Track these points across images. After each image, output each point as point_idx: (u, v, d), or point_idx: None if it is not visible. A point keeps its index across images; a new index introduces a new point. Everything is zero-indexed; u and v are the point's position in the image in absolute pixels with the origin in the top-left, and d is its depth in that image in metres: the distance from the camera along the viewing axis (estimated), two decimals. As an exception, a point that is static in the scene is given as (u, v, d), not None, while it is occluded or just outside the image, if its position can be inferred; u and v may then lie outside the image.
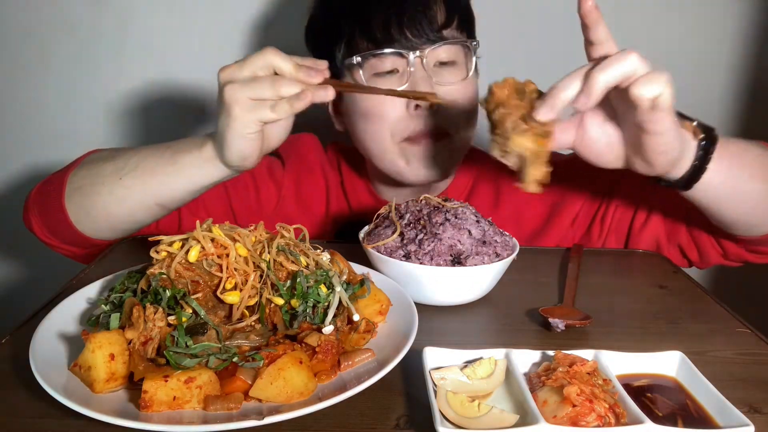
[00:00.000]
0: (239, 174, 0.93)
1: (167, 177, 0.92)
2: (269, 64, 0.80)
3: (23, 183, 1.57)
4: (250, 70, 0.80)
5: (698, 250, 1.02)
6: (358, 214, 1.18)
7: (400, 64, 1.00)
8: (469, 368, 0.63)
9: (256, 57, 0.81)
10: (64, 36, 1.45)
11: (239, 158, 0.86)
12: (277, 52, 0.81)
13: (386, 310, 0.74)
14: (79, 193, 0.97)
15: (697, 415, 0.58)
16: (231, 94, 0.80)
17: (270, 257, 0.70)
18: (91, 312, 0.74)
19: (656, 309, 0.85)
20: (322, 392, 0.60)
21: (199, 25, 1.44)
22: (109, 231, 1.00)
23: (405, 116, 1.01)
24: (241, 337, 0.65)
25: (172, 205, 0.97)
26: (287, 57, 0.81)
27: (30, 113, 1.52)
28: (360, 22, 1.00)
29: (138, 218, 0.99)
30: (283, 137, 0.90)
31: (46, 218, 1.00)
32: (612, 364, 0.63)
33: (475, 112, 1.06)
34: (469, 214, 0.85)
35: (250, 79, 0.80)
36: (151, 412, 0.55)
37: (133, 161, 0.94)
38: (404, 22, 0.98)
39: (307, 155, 1.20)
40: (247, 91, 0.80)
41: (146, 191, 0.94)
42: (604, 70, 0.68)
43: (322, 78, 0.80)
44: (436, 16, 1.00)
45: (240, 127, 0.82)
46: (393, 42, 0.98)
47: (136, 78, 1.48)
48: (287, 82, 0.79)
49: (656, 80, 0.68)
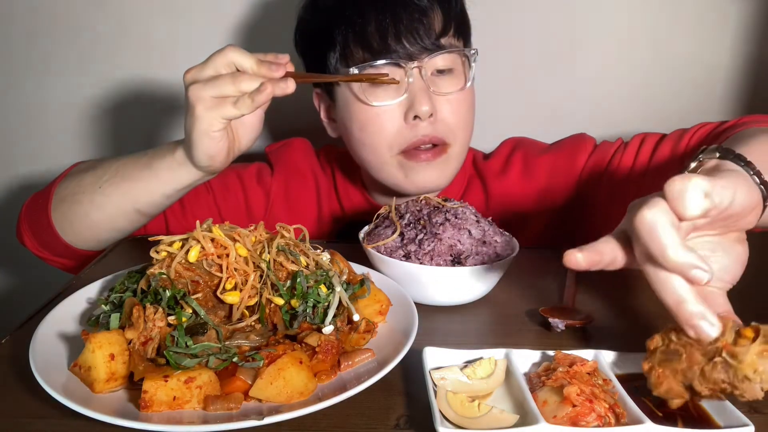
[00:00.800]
0: (211, 176, 0.94)
1: (143, 182, 0.94)
2: (231, 61, 0.82)
3: (23, 182, 1.57)
4: (212, 69, 0.82)
5: None
6: (351, 217, 1.18)
7: (397, 74, 0.98)
8: (469, 368, 0.63)
9: (218, 56, 0.82)
10: (64, 36, 1.45)
11: (206, 157, 0.86)
12: (238, 50, 0.82)
13: (386, 310, 0.74)
14: (63, 204, 0.99)
15: (697, 415, 0.58)
16: (194, 94, 0.82)
17: (270, 257, 0.70)
18: (91, 312, 0.74)
19: (656, 309, 0.85)
20: (322, 392, 0.60)
21: (199, 25, 1.44)
22: (93, 240, 1.02)
23: (403, 128, 1.00)
24: (241, 337, 0.65)
25: (149, 210, 0.98)
26: (248, 53, 0.82)
27: (30, 113, 1.52)
28: (354, 30, 0.98)
29: (119, 226, 1.00)
30: (253, 137, 0.91)
31: (36, 231, 1.02)
32: (612, 364, 0.63)
33: (472, 118, 1.06)
34: (469, 214, 0.85)
35: (212, 77, 0.81)
36: (151, 412, 0.55)
37: (112, 169, 0.96)
38: (401, 30, 0.96)
39: (296, 160, 1.19)
40: (209, 90, 0.81)
41: (124, 197, 0.95)
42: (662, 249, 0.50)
43: (283, 72, 0.82)
44: (433, 24, 0.99)
45: (204, 125, 0.83)
46: (390, 52, 0.97)
47: (136, 78, 1.48)
48: (248, 77, 0.81)
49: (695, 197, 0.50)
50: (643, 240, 0.51)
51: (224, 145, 0.86)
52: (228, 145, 0.87)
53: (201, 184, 1.11)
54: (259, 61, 0.82)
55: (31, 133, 1.54)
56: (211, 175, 0.93)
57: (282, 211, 1.16)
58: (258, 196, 1.16)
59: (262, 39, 1.43)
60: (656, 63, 1.47)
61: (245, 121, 0.88)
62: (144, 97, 1.48)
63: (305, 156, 1.21)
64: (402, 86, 0.99)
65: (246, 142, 0.91)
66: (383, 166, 1.04)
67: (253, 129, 0.90)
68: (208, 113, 0.82)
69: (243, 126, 0.89)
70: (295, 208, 1.17)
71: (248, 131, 0.90)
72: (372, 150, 1.03)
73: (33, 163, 1.56)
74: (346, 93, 1.03)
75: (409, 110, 0.98)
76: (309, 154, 1.22)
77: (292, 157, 1.20)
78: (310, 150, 1.23)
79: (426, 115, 0.98)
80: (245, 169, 1.18)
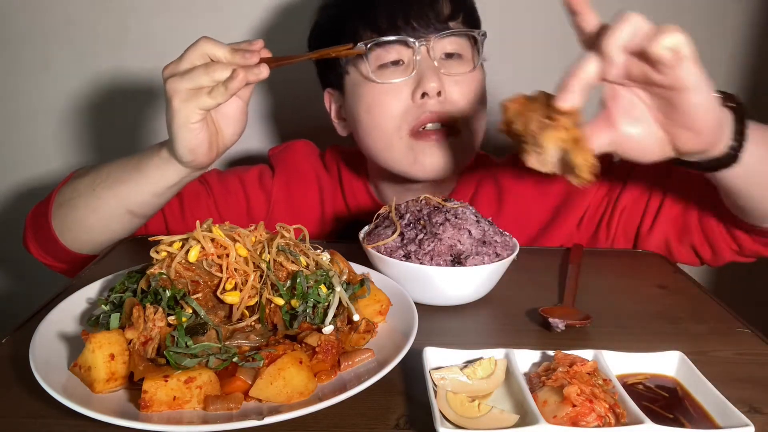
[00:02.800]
0: (199, 172, 0.94)
1: (132, 183, 0.95)
2: (204, 53, 0.82)
3: (23, 182, 1.57)
4: (187, 62, 0.82)
5: (712, 247, 1.00)
6: (356, 216, 1.17)
7: (405, 54, 0.99)
8: (469, 368, 0.63)
9: (192, 49, 0.83)
10: (64, 36, 1.45)
11: (187, 151, 0.87)
12: (211, 41, 0.82)
13: (386, 310, 0.74)
14: (61, 210, 1.00)
15: (697, 415, 0.58)
16: (171, 87, 0.82)
17: (270, 257, 0.70)
18: (91, 312, 0.74)
19: (656, 309, 0.85)
20: (322, 392, 0.60)
21: (200, 25, 1.44)
22: (90, 244, 1.03)
23: (411, 107, 0.99)
24: (241, 337, 0.65)
25: (141, 211, 0.99)
26: (221, 43, 0.82)
27: (31, 113, 1.52)
28: (364, 17, 1.00)
29: (113, 228, 1.01)
30: (236, 130, 0.91)
31: (39, 238, 1.04)
32: (612, 364, 0.63)
33: (483, 106, 1.05)
34: (469, 214, 0.85)
35: (187, 70, 0.82)
36: (151, 412, 0.55)
37: (104, 172, 0.97)
38: (410, 14, 0.97)
39: (298, 162, 1.19)
40: (184, 82, 0.81)
41: (116, 199, 0.96)
42: (612, 34, 0.62)
43: (257, 58, 0.82)
44: (442, 9, 0.99)
45: (182, 118, 0.83)
46: (398, 31, 0.97)
47: (135, 78, 1.48)
48: (221, 66, 0.81)
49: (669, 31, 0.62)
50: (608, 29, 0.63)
51: (204, 138, 0.86)
52: (209, 137, 0.87)
53: (201, 186, 1.12)
54: (233, 50, 0.82)
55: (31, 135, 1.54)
56: (197, 171, 0.93)
57: (283, 213, 1.16)
58: (259, 199, 1.16)
59: (263, 36, 1.43)
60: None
61: (226, 112, 0.88)
62: (142, 95, 1.48)
63: (307, 158, 1.20)
64: (410, 65, 0.99)
65: (230, 135, 0.91)
66: (391, 150, 1.02)
67: (236, 121, 0.90)
68: (184, 105, 0.82)
69: (225, 118, 0.89)
70: (297, 211, 1.17)
71: (231, 123, 0.90)
72: (380, 132, 1.01)
73: (33, 164, 1.55)
74: (354, 78, 1.03)
75: (417, 88, 0.98)
76: (311, 156, 1.21)
77: (293, 160, 1.19)
78: (313, 151, 1.22)
79: (434, 92, 0.97)
80: (247, 172, 1.18)
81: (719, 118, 0.70)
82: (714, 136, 0.71)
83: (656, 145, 0.71)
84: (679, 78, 0.64)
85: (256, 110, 1.50)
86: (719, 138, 0.72)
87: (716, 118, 0.70)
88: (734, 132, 0.73)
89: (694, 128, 0.68)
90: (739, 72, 1.50)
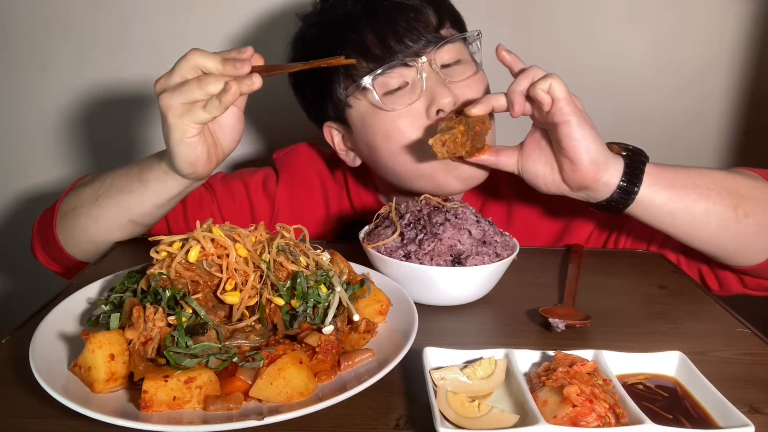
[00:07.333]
0: (200, 183, 0.94)
1: (135, 194, 0.95)
2: (195, 65, 0.80)
3: (23, 182, 1.57)
4: (179, 76, 0.81)
5: (718, 280, 1.00)
6: (362, 216, 1.16)
7: (408, 75, 0.96)
8: (469, 368, 0.63)
9: (182, 61, 0.81)
10: (64, 36, 1.45)
11: (186, 164, 0.86)
12: (201, 52, 0.81)
13: (386, 310, 0.74)
14: (65, 219, 1.01)
15: (697, 415, 0.58)
16: (164, 103, 0.81)
17: (270, 257, 0.70)
18: (91, 312, 0.74)
19: (656, 309, 0.85)
20: (322, 392, 0.60)
21: (200, 25, 1.44)
22: (93, 253, 1.03)
23: (429, 125, 0.96)
24: (241, 337, 0.65)
25: (144, 221, 0.99)
26: (212, 54, 0.81)
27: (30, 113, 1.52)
28: (352, 46, 0.96)
29: (116, 236, 1.02)
30: (234, 138, 0.90)
31: (45, 245, 1.05)
32: (612, 364, 0.63)
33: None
34: (469, 214, 0.85)
35: (179, 84, 0.80)
36: (151, 412, 0.55)
37: (107, 182, 0.98)
38: (400, 32, 0.95)
39: (302, 166, 1.18)
40: (177, 97, 0.80)
41: (118, 209, 0.97)
42: (516, 81, 0.85)
43: (249, 67, 0.80)
44: (429, 19, 0.97)
45: (178, 133, 0.82)
46: (392, 52, 0.95)
47: (135, 80, 1.48)
48: (213, 79, 0.79)
49: (547, 78, 0.81)
50: (523, 74, 0.85)
51: (203, 151, 0.85)
52: (207, 149, 0.86)
53: (205, 192, 1.12)
54: (224, 60, 0.80)
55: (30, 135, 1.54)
56: (198, 181, 0.93)
57: (287, 218, 1.14)
58: (263, 205, 1.15)
59: (262, 39, 1.43)
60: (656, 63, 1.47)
61: (223, 123, 0.87)
62: (141, 97, 1.48)
63: (311, 161, 1.19)
64: (416, 85, 0.96)
65: (228, 144, 0.89)
66: (422, 169, 0.98)
67: (233, 130, 0.88)
68: (180, 120, 0.81)
69: (222, 129, 0.88)
70: (301, 215, 1.14)
71: (228, 133, 0.88)
72: (405, 157, 0.98)
73: (32, 165, 1.55)
74: (361, 109, 0.99)
75: (430, 106, 0.95)
76: (315, 159, 1.19)
77: (297, 164, 1.18)
78: (318, 155, 1.20)
79: (449, 107, 0.95)
80: (252, 177, 1.17)
81: (600, 155, 0.84)
82: (593, 171, 0.84)
83: (549, 178, 0.89)
84: (553, 114, 0.82)
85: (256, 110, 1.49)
86: (599, 174, 0.85)
87: (595, 154, 0.84)
88: (624, 174, 0.85)
89: (573, 158, 0.84)
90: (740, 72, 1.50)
